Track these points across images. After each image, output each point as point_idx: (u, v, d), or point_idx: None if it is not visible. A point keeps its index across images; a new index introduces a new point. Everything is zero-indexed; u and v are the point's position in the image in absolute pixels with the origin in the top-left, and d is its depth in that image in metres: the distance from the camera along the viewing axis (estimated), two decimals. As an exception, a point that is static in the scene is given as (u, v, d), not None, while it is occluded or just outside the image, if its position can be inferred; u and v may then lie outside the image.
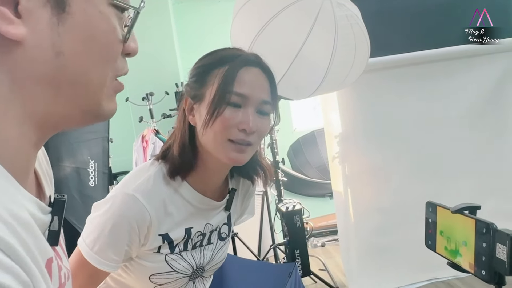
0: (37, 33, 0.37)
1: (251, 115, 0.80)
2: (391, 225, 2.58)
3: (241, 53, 0.85)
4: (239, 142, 0.80)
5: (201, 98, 0.83)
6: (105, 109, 0.44)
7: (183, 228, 0.88)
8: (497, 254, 0.56)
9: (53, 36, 0.38)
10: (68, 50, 0.39)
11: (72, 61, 0.39)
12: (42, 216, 0.42)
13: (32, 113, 0.40)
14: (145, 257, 0.87)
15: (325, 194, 4.16)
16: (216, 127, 0.79)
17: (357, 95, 2.51)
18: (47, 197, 0.47)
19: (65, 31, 0.38)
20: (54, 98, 0.40)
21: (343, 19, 1.81)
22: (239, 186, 1.00)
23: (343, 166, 2.61)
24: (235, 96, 0.79)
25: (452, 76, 2.56)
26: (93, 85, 0.42)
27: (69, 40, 0.39)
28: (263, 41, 1.80)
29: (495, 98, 2.59)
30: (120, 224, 0.80)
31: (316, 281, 2.77)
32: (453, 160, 2.59)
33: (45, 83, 0.39)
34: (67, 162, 2.33)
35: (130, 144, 3.69)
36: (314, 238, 3.67)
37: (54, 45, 0.38)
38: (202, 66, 0.86)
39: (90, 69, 0.41)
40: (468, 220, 0.65)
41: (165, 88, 3.82)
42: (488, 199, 2.48)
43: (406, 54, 2.49)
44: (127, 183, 0.84)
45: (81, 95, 0.41)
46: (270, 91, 0.84)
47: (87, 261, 0.81)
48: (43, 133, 0.42)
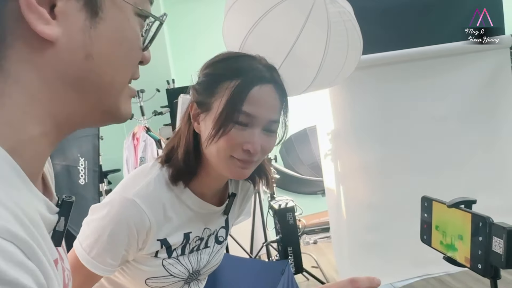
0: (70, 35, 0.39)
1: (257, 135, 0.77)
2: (383, 221, 2.59)
3: (256, 66, 0.80)
4: (243, 160, 0.78)
5: (208, 108, 0.79)
6: (122, 111, 0.46)
7: (182, 233, 0.87)
8: (494, 247, 0.56)
9: (84, 39, 0.39)
10: (97, 53, 0.40)
11: (99, 64, 0.41)
12: (50, 216, 0.42)
13: (56, 113, 0.41)
14: (142, 261, 0.85)
15: (317, 191, 4.16)
16: (220, 144, 0.77)
17: (349, 92, 2.51)
18: (54, 197, 0.47)
19: (96, 35, 0.40)
20: (79, 99, 0.42)
21: (336, 15, 1.81)
22: (238, 190, 0.98)
23: (335, 163, 2.62)
24: (243, 115, 0.76)
25: (443, 73, 2.58)
26: (115, 88, 0.44)
27: (99, 44, 0.40)
28: (255, 38, 1.79)
29: (486, 94, 2.62)
30: (119, 229, 0.78)
31: (308, 278, 2.78)
32: (444, 157, 2.61)
33: (73, 84, 0.40)
34: (57, 160, 2.31)
35: (120, 141, 3.65)
36: (307, 236, 3.68)
37: (85, 47, 0.40)
38: (213, 75, 0.81)
39: (115, 73, 0.43)
40: (464, 214, 0.65)
41: (156, 85, 3.80)
42: (480, 195, 2.50)
43: (398, 52, 2.50)
44: (127, 186, 0.82)
45: (103, 96, 0.43)
46: (279, 108, 0.82)
47: (83, 265, 0.79)
48: (61, 133, 0.43)
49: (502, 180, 2.67)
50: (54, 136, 0.42)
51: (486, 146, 2.65)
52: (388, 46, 2.48)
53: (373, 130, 2.57)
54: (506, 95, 2.66)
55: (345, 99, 2.55)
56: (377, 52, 2.45)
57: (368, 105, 2.56)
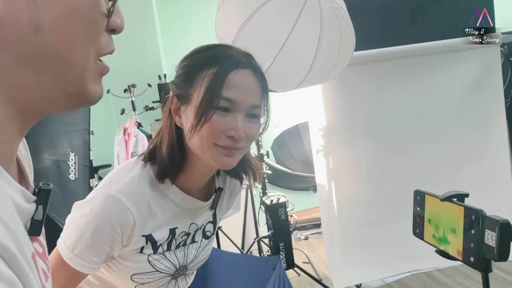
0: (13, 8, 0.34)
1: (240, 121, 0.76)
2: (374, 217, 2.61)
3: (232, 53, 0.80)
4: (227, 147, 0.77)
5: (188, 99, 0.79)
6: (90, 92, 0.41)
7: (167, 229, 0.86)
8: (486, 240, 0.56)
9: (31, 11, 0.35)
10: (48, 25, 0.36)
11: (52, 37, 0.36)
12: (26, 205, 0.40)
13: (15, 97, 0.37)
14: (127, 257, 0.84)
15: (308, 187, 4.17)
16: (203, 133, 0.76)
17: (341, 88, 2.52)
18: (31, 185, 0.45)
19: (44, 5, 0.36)
20: (36, 79, 0.37)
21: (329, 11, 1.81)
22: (225, 184, 0.97)
23: (327, 159, 2.62)
24: (224, 100, 0.75)
25: (435, 70, 2.60)
26: (75, 64, 0.39)
27: (48, 15, 0.36)
28: (248, 33, 1.78)
29: (477, 91, 2.65)
30: (103, 226, 0.77)
31: (300, 274, 2.79)
32: (436, 153, 2.63)
33: (26, 63, 0.36)
34: (46, 155, 2.27)
35: (111, 136, 3.62)
36: (298, 231, 3.69)
37: (32, 20, 0.35)
38: (190, 66, 0.81)
39: (72, 45, 0.38)
40: (456, 208, 0.65)
41: (147, 80, 3.76)
42: (471, 192, 2.52)
43: (390, 48, 2.51)
44: (110, 183, 0.81)
45: (63, 75, 0.38)
46: (260, 94, 0.81)
47: (67, 263, 0.78)
48: (27, 119, 0.40)
49: (492, 177, 2.70)
50: (20, 122, 0.39)
51: (477, 143, 2.67)
52: (381, 43, 2.49)
53: (365, 127, 2.58)
54: (496, 93, 2.69)
55: (337, 95, 2.56)
56: (369, 48, 2.45)
57: (360, 101, 2.57)
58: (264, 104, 0.83)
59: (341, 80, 2.35)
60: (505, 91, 2.79)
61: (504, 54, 2.89)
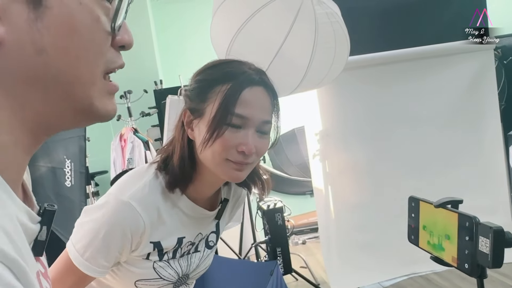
0: (15, 31, 0.35)
1: (251, 136, 0.78)
2: (371, 221, 2.61)
3: (245, 69, 0.82)
4: (238, 162, 0.79)
5: (201, 114, 0.81)
6: (99, 108, 0.41)
7: (176, 238, 0.88)
8: (480, 247, 0.57)
9: (32, 33, 0.36)
10: (50, 46, 0.37)
11: (55, 58, 0.37)
12: (32, 225, 0.40)
13: (23, 117, 0.38)
14: (133, 263, 0.86)
15: (305, 192, 4.17)
16: (215, 148, 0.78)
17: (337, 92, 2.53)
18: (35, 206, 0.45)
19: (45, 27, 0.36)
20: (43, 99, 0.38)
21: (324, 16, 1.82)
22: (230, 195, 0.99)
23: (323, 163, 2.63)
24: (236, 117, 0.77)
25: (430, 74, 2.61)
26: (81, 81, 0.40)
27: (50, 36, 0.37)
28: (243, 39, 1.79)
29: (472, 95, 2.66)
30: (114, 231, 0.78)
31: (297, 279, 2.78)
32: (431, 157, 2.64)
33: (31, 84, 0.37)
34: (42, 162, 2.27)
35: (107, 143, 3.61)
36: (295, 236, 3.69)
37: (34, 42, 0.36)
38: (204, 80, 0.83)
39: (76, 64, 0.39)
40: (451, 214, 0.65)
41: (143, 86, 3.77)
42: (466, 195, 2.53)
43: (385, 53, 2.52)
44: (122, 188, 0.82)
45: (69, 92, 0.39)
46: (271, 110, 0.83)
47: (76, 267, 0.79)
48: (36, 138, 0.40)
49: (488, 180, 2.72)
50: (29, 141, 0.40)
51: (471, 146, 2.69)
52: (375, 48, 2.51)
53: (361, 131, 2.59)
54: (490, 96, 2.71)
55: (333, 99, 2.57)
56: (364, 53, 2.47)
57: (356, 105, 2.58)
58: (275, 120, 0.85)
59: (337, 84, 2.36)
60: (499, 94, 2.81)
61: (497, 57, 2.91)
